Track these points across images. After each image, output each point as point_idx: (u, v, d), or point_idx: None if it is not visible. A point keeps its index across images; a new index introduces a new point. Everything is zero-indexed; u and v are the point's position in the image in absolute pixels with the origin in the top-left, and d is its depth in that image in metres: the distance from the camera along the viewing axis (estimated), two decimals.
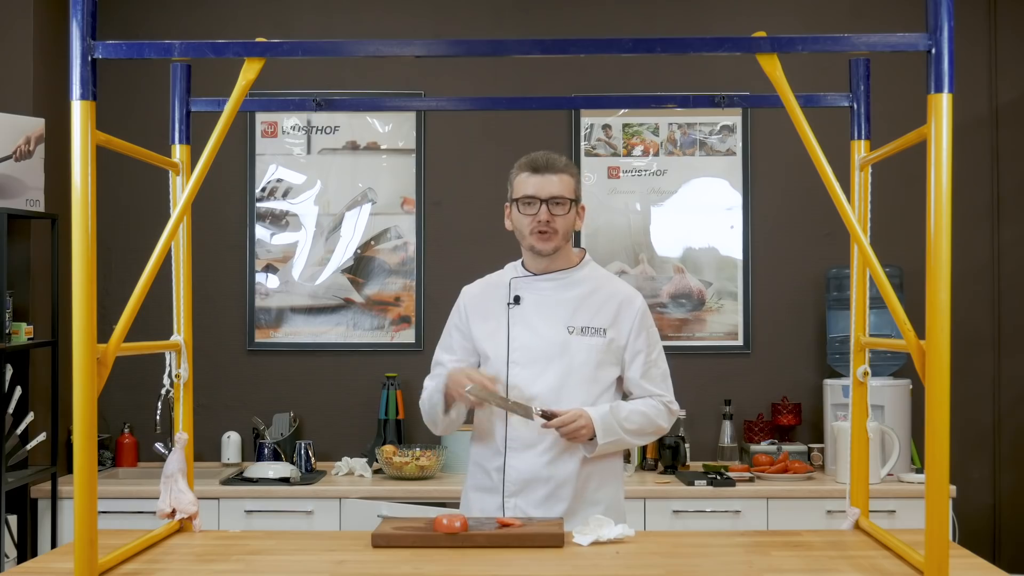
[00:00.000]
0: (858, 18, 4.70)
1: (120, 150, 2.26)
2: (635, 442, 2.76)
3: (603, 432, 2.63)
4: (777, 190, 4.73)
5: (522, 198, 2.69)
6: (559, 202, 2.68)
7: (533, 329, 2.71)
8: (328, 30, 4.74)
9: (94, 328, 2.01)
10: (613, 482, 2.78)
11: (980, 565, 2.25)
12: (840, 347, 4.41)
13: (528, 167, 2.70)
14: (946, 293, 1.96)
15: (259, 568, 2.23)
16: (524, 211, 2.69)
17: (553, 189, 2.67)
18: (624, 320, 2.74)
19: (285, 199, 4.75)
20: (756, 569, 2.18)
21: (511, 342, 2.72)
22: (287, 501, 4.07)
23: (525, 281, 2.77)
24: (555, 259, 2.74)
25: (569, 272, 2.76)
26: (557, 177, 2.68)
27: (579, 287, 2.75)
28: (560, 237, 2.70)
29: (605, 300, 2.74)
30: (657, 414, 2.75)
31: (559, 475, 2.68)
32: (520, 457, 2.69)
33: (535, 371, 2.69)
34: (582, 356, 2.69)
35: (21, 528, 4.05)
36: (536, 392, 2.68)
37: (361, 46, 2.21)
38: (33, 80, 4.29)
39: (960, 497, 4.39)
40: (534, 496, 2.67)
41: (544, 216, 2.66)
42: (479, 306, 2.80)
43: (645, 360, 2.75)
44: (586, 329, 2.70)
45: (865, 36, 2.09)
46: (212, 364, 4.59)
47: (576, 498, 2.69)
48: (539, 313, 2.72)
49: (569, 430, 2.61)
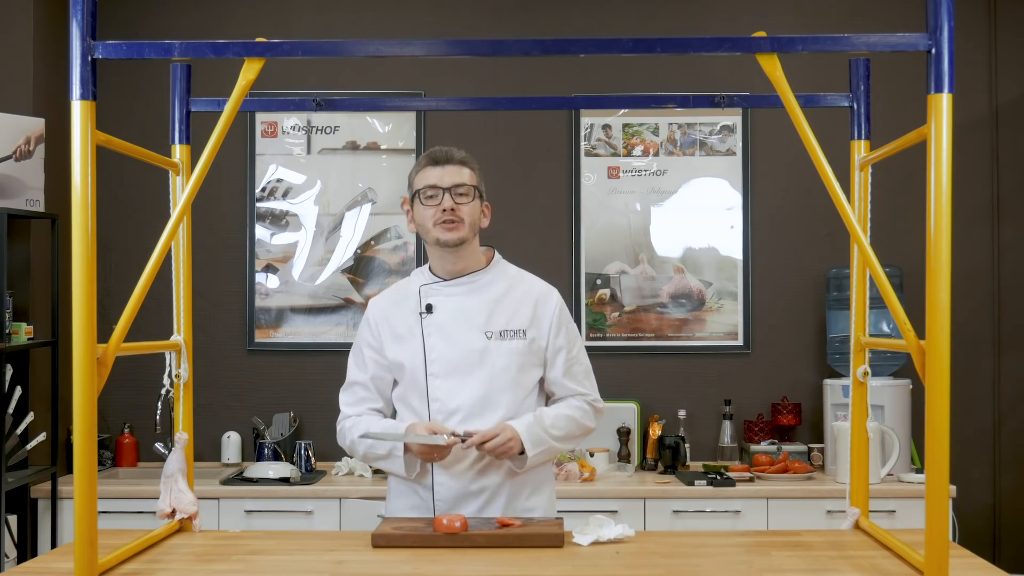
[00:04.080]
0: (858, 18, 4.70)
1: (120, 150, 2.26)
2: (564, 447, 2.67)
3: (532, 444, 2.53)
4: (777, 190, 4.73)
5: (424, 189, 2.61)
6: (462, 191, 2.61)
7: (449, 338, 2.61)
8: (328, 30, 4.74)
9: (94, 328, 2.01)
10: (545, 487, 2.70)
11: (980, 565, 2.24)
12: (840, 347, 4.41)
13: (428, 161, 2.64)
14: (946, 293, 1.96)
15: (259, 568, 2.23)
16: (427, 203, 2.60)
17: (454, 178, 2.60)
18: (543, 318, 2.65)
19: (285, 199, 4.75)
20: (756, 569, 2.18)
21: (428, 353, 2.61)
22: (287, 501, 4.07)
23: (435, 288, 2.66)
24: (463, 260, 2.64)
25: (479, 274, 2.66)
26: (456, 168, 2.62)
27: (491, 289, 2.65)
28: (467, 228, 2.59)
29: (520, 299, 2.65)
30: (583, 415, 2.67)
31: (489, 487, 2.60)
32: (447, 473, 2.59)
33: (455, 382, 2.59)
34: (503, 361, 2.60)
35: (21, 528, 4.05)
36: (459, 403, 2.58)
37: (361, 46, 2.21)
38: (33, 80, 4.29)
39: (960, 497, 4.39)
40: (465, 512, 2.57)
41: (448, 204, 2.58)
42: (389, 319, 2.68)
43: (567, 357, 2.67)
44: (504, 332, 2.61)
45: (865, 36, 2.09)
46: (212, 364, 4.59)
47: (508, 508, 2.61)
48: (454, 320, 2.62)
49: (494, 446, 2.50)
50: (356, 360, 2.74)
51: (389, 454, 2.58)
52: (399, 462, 2.58)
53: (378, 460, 2.63)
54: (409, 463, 2.58)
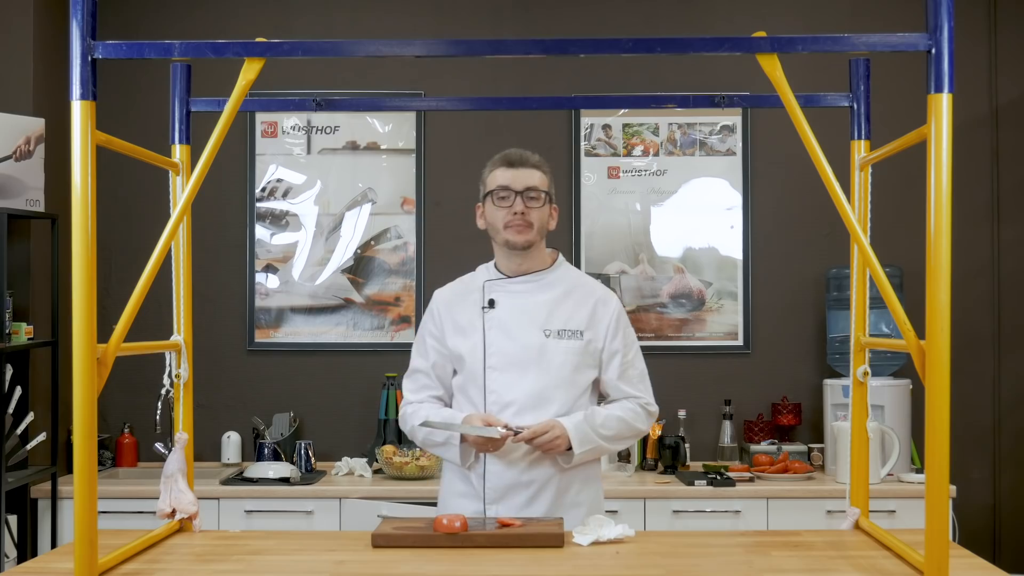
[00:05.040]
0: (858, 18, 4.70)
1: (120, 150, 2.26)
2: (613, 448, 2.75)
3: (579, 442, 2.61)
4: (777, 190, 4.73)
5: (496, 189, 2.67)
6: (533, 195, 2.67)
7: (509, 333, 2.68)
8: (328, 30, 4.74)
9: (94, 328, 2.01)
10: (593, 484, 2.76)
11: (980, 565, 2.25)
12: (840, 347, 4.41)
13: (503, 162, 2.70)
14: (946, 293, 1.96)
15: (259, 568, 2.23)
16: (499, 204, 2.67)
17: (528, 181, 2.67)
18: (600, 321, 2.72)
19: (285, 199, 4.75)
20: (756, 569, 2.18)
21: (487, 347, 2.68)
22: (287, 501, 4.07)
23: (499, 284, 2.73)
24: (529, 260, 2.72)
25: (543, 274, 2.74)
26: (530, 171, 2.68)
27: (554, 289, 2.72)
28: (535, 232, 2.67)
29: (580, 301, 2.72)
30: (635, 417, 2.72)
31: (539, 479, 2.66)
32: (499, 463, 2.66)
33: (513, 376, 2.66)
34: (559, 359, 2.66)
35: (21, 528, 4.05)
36: (514, 397, 2.65)
37: (361, 46, 2.21)
38: (33, 80, 4.29)
39: (960, 497, 4.39)
40: (515, 501, 2.65)
41: (519, 207, 2.64)
42: (452, 311, 2.76)
43: (622, 361, 2.73)
44: (563, 332, 2.68)
45: (865, 36, 2.09)
46: (212, 364, 4.59)
47: (556, 502, 2.67)
48: (514, 317, 2.69)
49: (542, 442, 2.58)
50: (419, 349, 2.82)
51: (446, 442, 2.67)
52: (455, 450, 2.66)
53: (435, 447, 2.72)
54: (464, 452, 2.67)
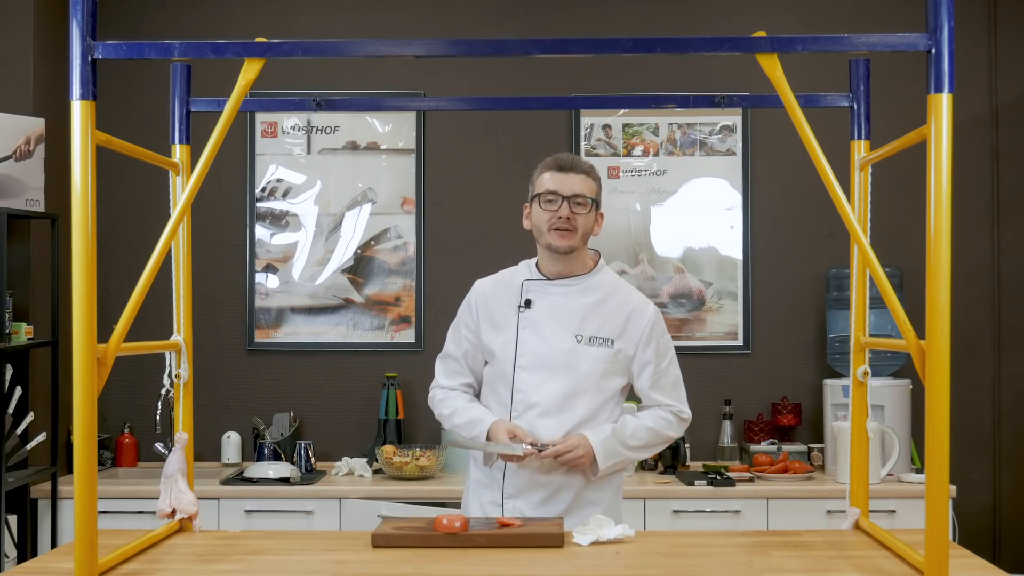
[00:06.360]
0: (858, 18, 4.70)
1: (120, 150, 2.26)
2: (641, 456, 2.81)
3: (604, 457, 2.65)
4: (777, 190, 4.73)
5: (544, 193, 2.68)
6: (580, 201, 2.67)
7: (541, 335, 2.70)
8: (328, 30, 4.74)
9: (94, 328, 2.01)
10: (612, 483, 2.79)
11: (980, 565, 2.24)
12: (840, 347, 4.41)
13: (553, 165, 2.71)
14: (946, 293, 1.96)
15: (259, 568, 2.23)
16: (545, 207, 2.68)
17: (576, 187, 2.67)
18: (633, 331, 2.73)
19: (285, 199, 4.75)
20: (756, 569, 2.18)
21: (519, 346, 2.71)
22: (287, 501, 4.07)
23: (538, 285, 2.75)
24: (570, 264, 2.73)
25: (582, 279, 2.75)
26: (580, 177, 2.69)
27: (591, 295, 2.74)
28: (578, 237, 2.68)
29: (615, 310, 2.73)
30: (666, 426, 2.75)
31: (556, 481, 2.70)
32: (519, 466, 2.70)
33: (541, 378, 2.69)
34: (588, 366, 2.69)
35: (21, 528, 4.05)
36: (540, 399, 2.68)
37: (361, 46, 2.21)
38: (33, 80, 4.29)
39: (960, 497, 4.39)
40: (533, 498, 2.69)
41: (565, 212, 2.66)
42: (490, 305, 2.78)
43: (654, 371, 2.75)
44: (594, 339, 2.70)
45: (865, 36, 2.09)
46: (212, 364, 4.59)
47: (575, 501, 2.71)
48: (549, 319, 2.71)
49: (567, 459, 2.62)
50: (453, 335, 2.86)
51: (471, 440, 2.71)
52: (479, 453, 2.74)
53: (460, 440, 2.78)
54: (486, 455, 2.73)
